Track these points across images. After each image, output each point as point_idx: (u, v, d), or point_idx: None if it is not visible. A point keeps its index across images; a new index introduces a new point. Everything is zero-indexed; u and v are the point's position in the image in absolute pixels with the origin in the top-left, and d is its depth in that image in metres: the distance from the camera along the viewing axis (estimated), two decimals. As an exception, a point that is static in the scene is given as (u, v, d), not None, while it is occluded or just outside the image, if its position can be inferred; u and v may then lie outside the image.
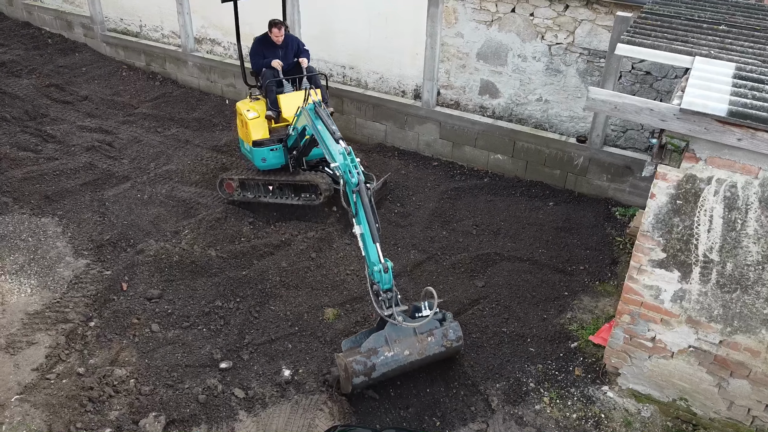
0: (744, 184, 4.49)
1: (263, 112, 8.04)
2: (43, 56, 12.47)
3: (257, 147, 7.93)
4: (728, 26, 5.76)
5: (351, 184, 5.76)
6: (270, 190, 8.12)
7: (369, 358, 5.47)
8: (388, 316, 5.50)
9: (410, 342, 5.62)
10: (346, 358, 5.48)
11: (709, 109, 4.24)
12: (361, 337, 5.74)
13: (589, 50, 8.21)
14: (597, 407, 5.72)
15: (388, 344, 5.56)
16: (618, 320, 5.54)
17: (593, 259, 7.49)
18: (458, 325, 5.87)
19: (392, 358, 5.53)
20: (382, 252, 5.70)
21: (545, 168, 8.83)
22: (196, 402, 5.65)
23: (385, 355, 5.51)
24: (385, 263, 5.59)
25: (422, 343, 5.65)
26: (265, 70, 7.96)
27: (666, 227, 4.88)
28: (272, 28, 7.91)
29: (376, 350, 5.52)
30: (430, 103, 9.33)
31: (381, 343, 5.56)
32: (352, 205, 5.80)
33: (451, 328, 5.81)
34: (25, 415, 5.44)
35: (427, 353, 5.68)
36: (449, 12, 8.87)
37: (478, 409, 5.70)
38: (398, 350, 5.56)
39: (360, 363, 5.44)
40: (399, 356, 5.56)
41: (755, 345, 4.95)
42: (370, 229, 5.69)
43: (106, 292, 6.82)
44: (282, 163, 8.05)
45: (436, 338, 5.72)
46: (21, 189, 8.44)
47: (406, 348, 5.59)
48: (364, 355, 5.48)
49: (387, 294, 5.59)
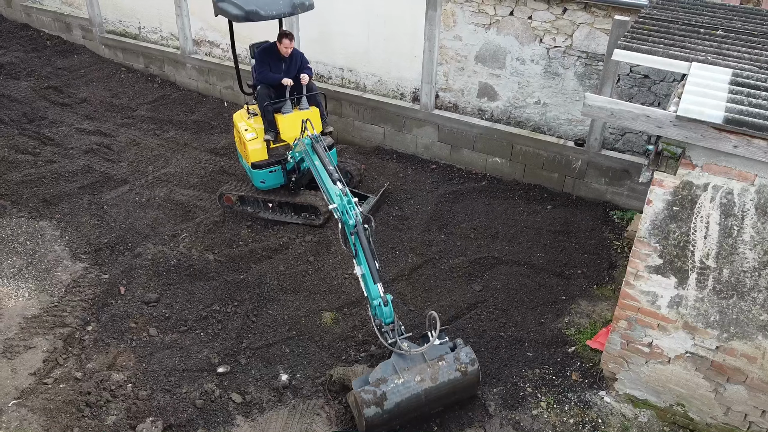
0: (740, 191, 4.49)
1: (261, 132, 7.78)
2: (41, 58, 12.47)
3: (256, 169, 7.80)
4: (726, 31, 5.76)
5: (349, 226, 5.71)
6: (270, 207, 8.10)
7: (378, 387, 5.22)
8: (392, 344, 5.42)
9: (420, 368, 5.37)
10: (356, 387, 5.29)
11: (706, 116, 4.24)
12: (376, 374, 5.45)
13: (588, 53, 8.21)
14: (594, 412, 5.72)
15: (398, 372, 5.32)
16: (615, 325, 5.55)
17: (591, 262, 7.49)
18: (470, 349, 5.59)
19: (403, 386, 5.26)
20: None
21: (543, 171, 8.83)
22: (193, 407, 5.65)
23: (395, 382, 5.25)
24: (385, 297, 5.56)
25: (433, 368, 5.38)
26: (260, 88, 7.63)
27: (663, 233, 4.89)
28: (283, 38, 7.55)
29: (385, 379, 5.27)
30: (428, 105, 9.33)
31: (389, 372, 5.33)
32: (351, 246, 5.74)
33: (463, 352, 5.53)
34: (23, 420, 5.44)
35: (441, 379, 5.36)
36: (448, 15, 8.87)
37: (476, 414, 5.70)
38: (408, 377, 5.30)
39: (369, 392, 5.18)
40: (410, 383, 5.28)
41: (752, 351, 4.95)
42: (370, 270, 5.63)
43: (104, 296, 6.83)
44: (281, 183, 7.94)
45: (447, 362, 5.44)
46: (19, 192, 8.44)
47: (417, 374, 5.33)
48: (373, 384, 5.25)
49: (390, 326, 5.58)
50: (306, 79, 7.70)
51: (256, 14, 7.21)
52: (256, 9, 7.18)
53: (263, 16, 7.26)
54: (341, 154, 9.31)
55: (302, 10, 7.64)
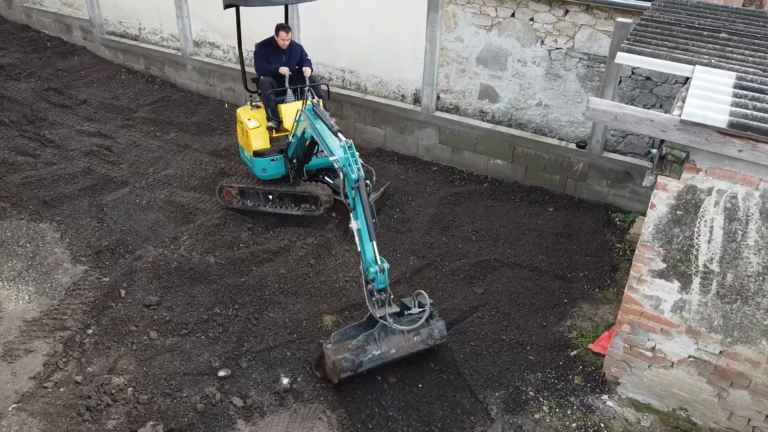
0: (745, 195, 4.46)
1: (264, 121, 7.98)
2: (41, 59, 12.45)
3: (258, 157, 7.89)
4: (729, 34, 5.74)
5: (350, 180, 5.71)
6: (270, 199, 8.09)
7: (357, 356, 5.63)
8: (381, 318, 5.59)
9: (398, 341, 5.78)
10: (335, 354, 5.60)
11: (710, 120, 4.22)
12: (351, 330, 5.84)
13: (589, 55, 8.19)
14: (596, 416, 5.69)
15: (377, 343, 5.71)
16: (618, 329, 5.52)
17: (593, 265, 7.47)
18: (444, 325, 5.98)
19: (379, 356, 5.72)
20: (380, 254, 5.68)
21: (545, 173, 8.81)
22: (194, 411, 5.62)
23: (373, 353, 5.68)
24: (382, 264, 5.61)
25: (408, 342, 5.83)
26: (263, 78, 7.89)
27: (666, 237, 4.86)
28: (280, 31, 7.85)
29: (365, 348, 5.66)
30: (429, 107, 9.31)
31: (370, 342, 5.70)
32: (351, 201, 5.78)
33: (437, 328, 5.94)
34: (23, 424, 5.41)
35: (412, 351, 5.88)
36: (449, 16, 8.84)
37: (478, 418, 5.68)
38: (385, 348, 5.74)
39: (348, 360, 5.61)
40: (385, 354, 5.75)
41: (755, 355, 4.93)
42: (367, 226, 5.69)
43: (105, 299, 6.79)
44: (282, 173, 8.01)
45: (422, 337, 5.88)
46: (19, 194, 8.42)
47: (393, 347, 5.77)
48: (353, 353, 5.63)
49: (381, 294, 5.67)
50: (308, 71, 7.95)
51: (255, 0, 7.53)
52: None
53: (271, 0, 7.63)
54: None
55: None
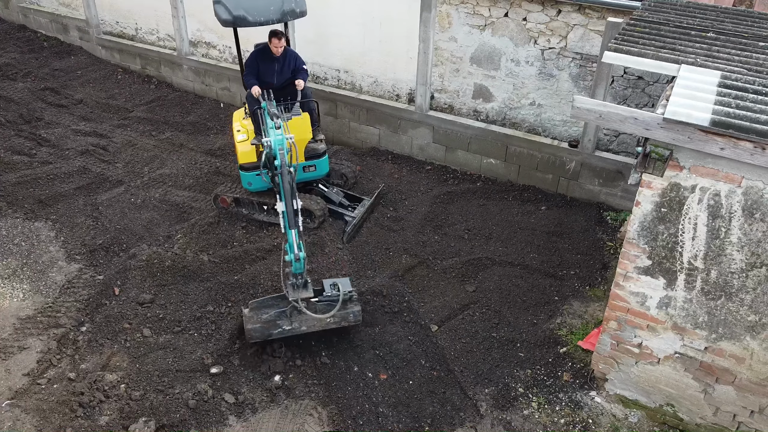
0: (727, 193, 4.52)
1: (252, 134, 7.74)
2: (38, 59, 12.50)
3: (243, 171, 7.80)
4: (716, 33, 5.78)
5: (273, 165, 5.97)
6: (264, 210, 8.09)
7: (268, 329, 5.95)
8: (294, 300, 5.83)
9: (309, 320, 5.97)
10: (248, 323, 5.94)
11: (693, 119, 4.27)
12: (270, 300, 6.08)
13: (582, 55, 8.24)
14: (585, 412, 5.75)
15: (288, 319, 5.96)
16: (605, 326, 5.58)
17: (584, 263, 7.52)
18: (360, 311, 6.12)
19: (289, 331, 5.99)
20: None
21: (538, 172, 8.86)
22: (186, 407, 5.67)
23: (283, 328, 5.96)
24: (299, 253, 5.81)
25: (321, 322, 6.02)
26: (248, 92, 7.54)
27: (651, 235, 4.92)
28: (272, 38, 7.50)
29: (275, 323, 5.95)
30: (423, 107, 9.36)
31: (281, 318, 5.96)
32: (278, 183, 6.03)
33: (353, 313, 6.09)
34: (16, 420, 5.47)
35: (324, 329, 6.10)
36: (443, 16, 8.89)
37: (467, 414, 5.74)
38: (296, 325, 5.99)
39: (258, 332, 5.95)
40: (296, 330, 6.01)
41: (740, 352, 4.98)
42: (287, 212, 5.92)
43: (99, 296, 6.85)
44: (268, 186, 7.76)
45: (335, 319, 6.04)
46: (14, 193, 8.46)
47: (304, 325, 6.01)
48: (264, 325, 5.94)
49: (297, 278, 5.92)
50: (301, 84, 7.58)
51: (244, 20, 7.19)
52: (244, 14, 7.15)
53: (251, 22, 7.22)
54: (336, 156, 9.34)
55: (292, 17, 7.56)
